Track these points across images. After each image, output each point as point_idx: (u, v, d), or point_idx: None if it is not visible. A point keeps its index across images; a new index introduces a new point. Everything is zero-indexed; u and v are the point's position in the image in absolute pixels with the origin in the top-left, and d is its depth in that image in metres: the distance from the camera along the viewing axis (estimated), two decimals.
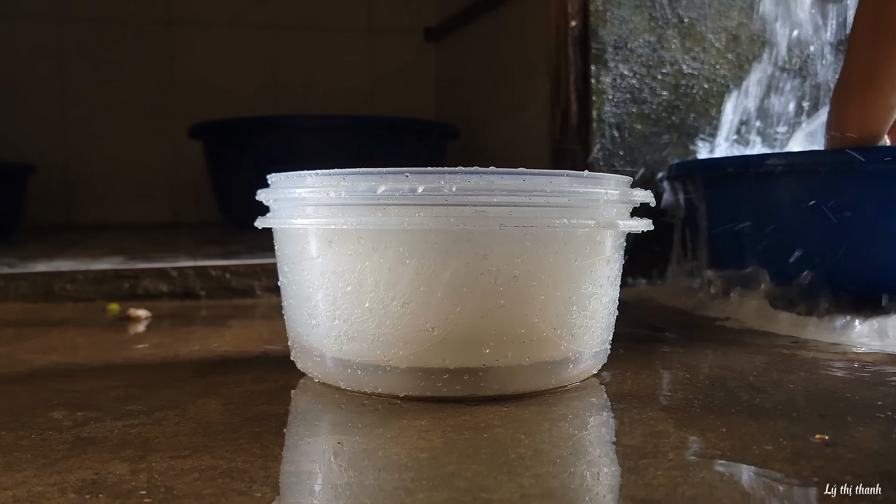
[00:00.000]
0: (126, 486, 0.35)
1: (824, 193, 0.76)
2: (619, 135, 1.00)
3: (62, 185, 1.96)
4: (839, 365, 0.58)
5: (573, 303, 0.49)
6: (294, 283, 0.52)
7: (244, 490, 0.35)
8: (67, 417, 0.46)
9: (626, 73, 1.00)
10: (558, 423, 0.45)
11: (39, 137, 1.94)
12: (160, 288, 0.93)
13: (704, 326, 0.75)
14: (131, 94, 2.00)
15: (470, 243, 0.46)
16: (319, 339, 0.50)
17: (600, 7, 0.99)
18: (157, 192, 2.02)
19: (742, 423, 0.44)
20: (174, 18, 2.04)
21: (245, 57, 2.07)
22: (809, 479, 0.36)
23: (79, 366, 0.60)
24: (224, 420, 0.45)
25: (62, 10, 1.97)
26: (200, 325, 0.78)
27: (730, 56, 1.04)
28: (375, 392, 0.49)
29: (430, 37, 2.13)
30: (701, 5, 1.03)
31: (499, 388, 0.48)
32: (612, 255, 0.52)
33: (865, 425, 0.43)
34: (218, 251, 1.15)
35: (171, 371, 0.58)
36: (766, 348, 0.64)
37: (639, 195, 0.53)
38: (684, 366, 0.58)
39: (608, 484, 0.37)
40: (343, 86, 2.11)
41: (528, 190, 0.46)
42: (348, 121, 1.67)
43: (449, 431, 0.42)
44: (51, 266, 0.97)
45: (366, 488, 0.35)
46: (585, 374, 0.53)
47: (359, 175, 0.47)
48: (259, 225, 0.54)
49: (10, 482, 0.36)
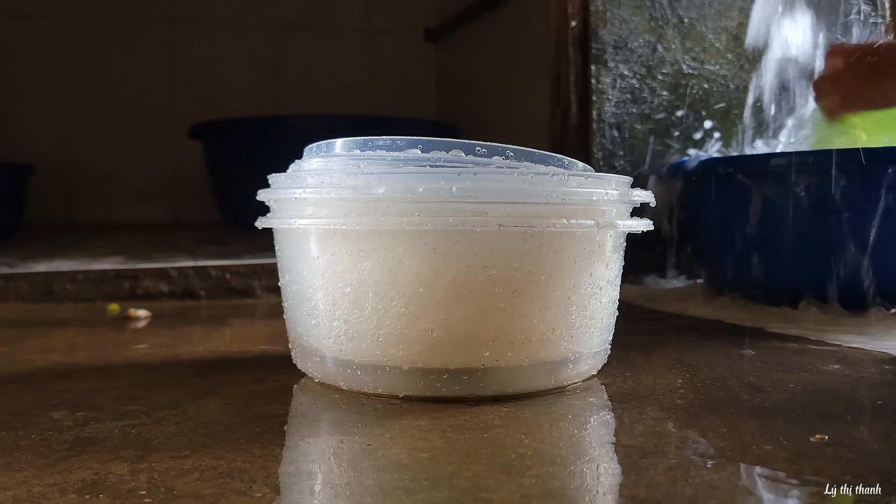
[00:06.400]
0: (126, 486, 0.35)
1: (821, 194, 0.76)
2: (619, 135, 1.00)
3: (62, 185, 1.96)
4: (839, 365, 0.58)
5: (572, 303, 0.49)
6: (294, 284, 0.52)
7: (244, 490, 0.35)
8: (67, 417, 0.46)
9: (626, 73, 1.01)
10: (558, 423, 0.45)
11: (39, 137, 1.94)
12: (160, 288, 0.93)
13: (704, 326, 0.75)
14: (131, 94, 2.00)
15: (469, 244, 0.46)
16: (319, 339, 0.50)
17: (600, 7, 0.99)
18: (157, 192, 2.02)
19: (742, 423, 0.44)
20: (174, 18, 2.04)
21: (245, 57, 2.07)
22: (809, 479, 0.36)
23: (79, 366, 0.60)
24: (224, 420, 0.45)
25: (62, 10, 1.97)
26: (200, 325, 0.78)
27: (730, 56, 1.04)
28: (375, 392, 0.49)
29: (430, 37, 2.13)
30: (701, 5, 1.03)
31: (498, 389, 0.48)
32: (612, 256, 0.52)
33: (865, 425, 0.43)
34: (218, 251, 1.15)
35: (171, 371, 0.58)
36: (766, 348, 0.64)
37: (639, 195, 0.53)
38: (684, 366, 0.58)
39: (608, 484, 0.37)
40: (343, 86, 2.11)
41: (527, 190, 0.46)
42: (348, 121, 1.67)
43: (449, 431, 0.42)
44: (51, 266, 0.97)
45: (366, 488, 0.35)
46: (585, 375, 0.53)
47: (359, 175, 0.47)
48: (259, 225, 0.54)
49: (10, 482, 0.36)
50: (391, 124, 1.65)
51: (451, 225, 0.45)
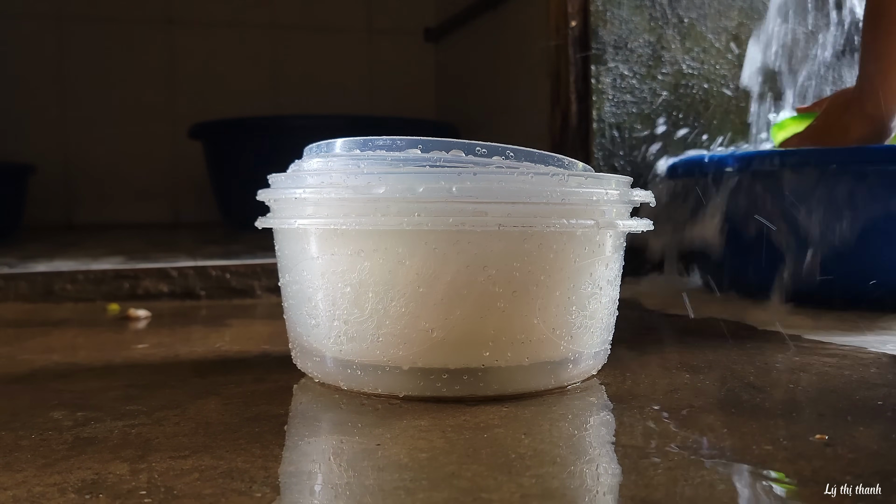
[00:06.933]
0: (126, 486, 0.35)
1: (822, 192, 0.76)
2: (619, 135, 1.00)
3: (62, 185, 1.96)
4: (839, 365, 0.58)
5: (572, 303, 0.49)
6: (294, 284, 0.52)
7: (244, 490, 0.35)
8: (67, 417, 0.46)
9: (626, 73, 1.01)
10: (558, 423, 0.45)
11: (39, 137, 1.94)
12: (160, 288, 0.93)
13: (704, 326, 0.75)
14: (131, 94, 2.00)
15: (469, 244, 0.46)
16: (319, 339, 0.50)
17: (600, 7, 0.99)
18: (157, 192, 2.02)
19: (742, 423, 0.44)
20: (174, 18, 2.04)
21: (245, 57, 2.07)
22: (809, 479, 0.36)
23: (79, 366, 0.60)
24: (224, 420, 0.45)
25: (62, 10, 1.97)
26: (200, 325, 0.78)
27: (730, 56, 1.04)
28: (375, 392, 0.49)
29: (430, 37, 2.13)
30: (701, 5, 1.03)
31: (498, 389, 0.48)
32: (612, 256, 0.52)
33: (865, 425, 0.43)
34: (218, 251, 1.15)
35: (171, 371, 0.58)
36: (766, 348, 0.64)
37: (639, 195, 0.53)
38: (684, 366, 0.58)
39: (608, 484, 0.37)
40: (343, 86, 2.11)
41: (527, 190, 0.46)
42: (348, 121, 1.67)
43: (449, 431, 0.42)
44: (51, 266, 0.97)
45: (366, 488, 0.35)
46: (585, 375, 0.53)
47: (359, 175, 0.47)
48: (259, 225, 0.54)
49: (10, 482, 0.36)
50: (391, 124, 1.65)
51: (451, 225, 0.45)
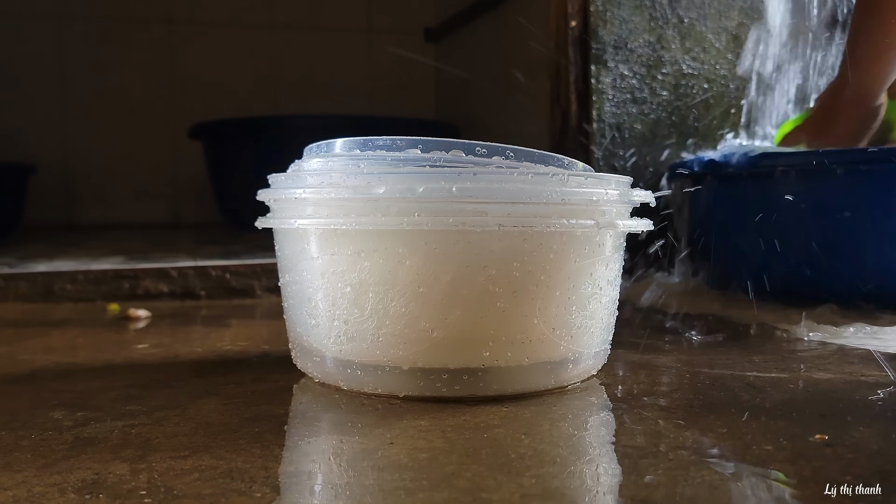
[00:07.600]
0: (126, 486, 0.35)
1: (820, 194, 0.76)
2: (619, 135, 1.00)
3: (62, 185, 1.96)
4: (839, 365, 0.58)
5: (572, 303, 0.49)
6: (294, 284, 0.52)
7: (244, 490, 0.35)
8: (67, 417, 0.46)
9: (626, 73, 1.01)
10: (558, 423, 0.45)
11: (39, 137, 1.94)
12: (160, 288, 0.93)
13: (704, 326, 0.75)
14: (131, 94, 2.00)
15: (469, 244, 0.46)
16: (319, 339, 0.50)
17: (600, 7, 0.99)
18: (157, 192, 2.02)
19: (742, 423, 0.44)
20: (174, 18, 2.04)
21: (245, 57, 2.07)
22: (809, 479, 0.36)
23: (79, 366, 0.60)
24: (224, 420, 0.45)
25: (62, 10, 1.97)
26: (200, 325, 0.78)
27: (730, 56, 1.04)
28: (375, 392, 0.49)
29: (430, 37, 2.13)
30: (701, 5, 1.03)
31: (498, 389, 0.48)
32: (612, 256, 0.52)
33: (865, 425, 0.43)
34: (218, 251, 1.15)
35: (171, 371, 0.58)
36: (766, 348, 0.64)
37: (639, 195, 0.53)
38: (684, 366, 0.58)
39: (608, 484, 0.37)
40: (343, 86, 2.11)
41: (527, 190, 0.46)
42: (348, 121, 1.67)
43: (449, 432, 0.42)
44: (51, 266, 0.97)
45: (366, 488, 0.35)
46: (585, 375, 0.53)
47: (359, 175, 0.47)
48: (259, 225, 0.54)
49: (10, 482, 0.36)
50: (391, 124, 1.65)
51: (451, 225, 0.45)
